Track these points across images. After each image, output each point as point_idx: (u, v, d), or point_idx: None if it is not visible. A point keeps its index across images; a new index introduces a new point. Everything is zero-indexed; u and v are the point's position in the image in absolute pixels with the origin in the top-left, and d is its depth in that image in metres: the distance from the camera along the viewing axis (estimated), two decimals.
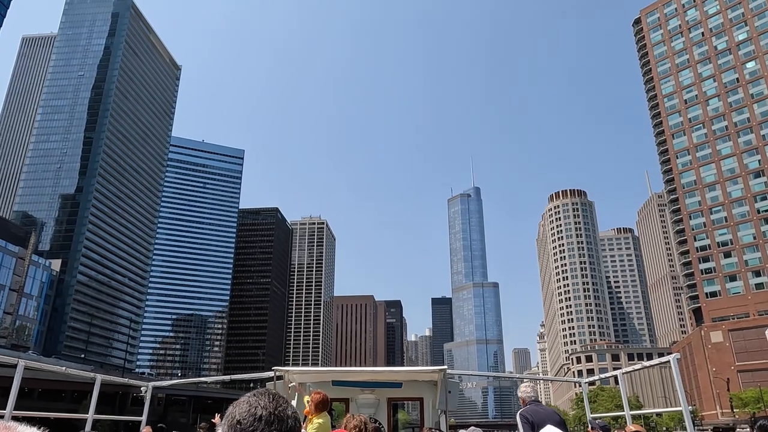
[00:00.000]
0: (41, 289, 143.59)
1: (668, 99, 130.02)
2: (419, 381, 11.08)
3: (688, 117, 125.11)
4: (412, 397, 11.02)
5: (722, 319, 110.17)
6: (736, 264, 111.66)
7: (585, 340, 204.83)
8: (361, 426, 4.86)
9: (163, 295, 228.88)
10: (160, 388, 14.70)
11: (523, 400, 7.62)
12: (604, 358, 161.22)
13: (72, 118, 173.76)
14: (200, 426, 10.53)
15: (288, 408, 1.79)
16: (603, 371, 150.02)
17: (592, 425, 8.43)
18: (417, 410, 11.26)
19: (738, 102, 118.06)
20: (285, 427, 1.74)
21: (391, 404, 11.02)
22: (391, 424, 10.80)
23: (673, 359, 7.58)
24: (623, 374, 9.50)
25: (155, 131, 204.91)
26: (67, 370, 10.29)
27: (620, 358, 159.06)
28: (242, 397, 1.82)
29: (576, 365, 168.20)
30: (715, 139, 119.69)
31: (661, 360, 8.20)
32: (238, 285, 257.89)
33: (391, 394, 10.88)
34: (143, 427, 10.65)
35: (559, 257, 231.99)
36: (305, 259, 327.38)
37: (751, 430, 8.27)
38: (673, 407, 12.09)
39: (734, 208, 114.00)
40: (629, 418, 9.13)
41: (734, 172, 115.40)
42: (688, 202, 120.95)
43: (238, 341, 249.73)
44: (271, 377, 9.83)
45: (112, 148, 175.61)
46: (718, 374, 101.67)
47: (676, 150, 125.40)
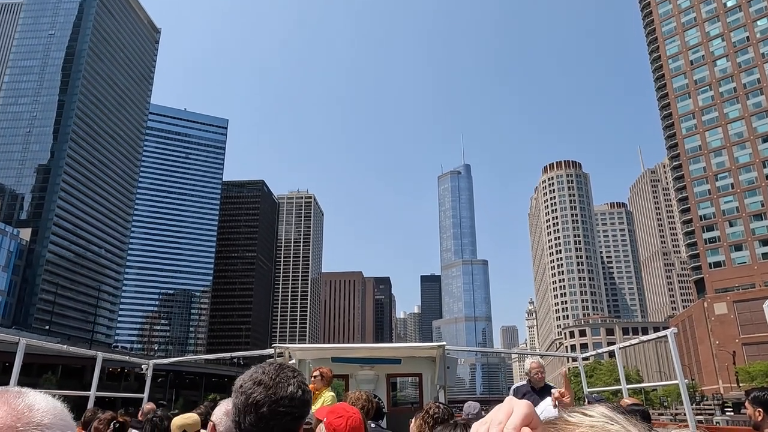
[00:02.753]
0: (9, 259, 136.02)
1: (673, 60, 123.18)
2: (418, 357, 11.09)
3: (693, 79, 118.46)
4: (411, 373, 11.18)
5: (726, 290, 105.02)
6: (742, 233, 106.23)
7: (578, 315, 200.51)
8: (365, 402, 5.02)
9: (143, 268, 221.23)
10: (159, 364, 17.38)
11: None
12: (598, 333, 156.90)
13: (42, 80, 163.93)
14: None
15: (294, 377, 1.80)
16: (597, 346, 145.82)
17: (589, 400, 8.51)
18: (408, 388, 11.52)
19: (748, 62, 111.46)
20: (285, 392, 1.74)
21: (390, 380, 11.19)
22: (390, 399, 10.94)
23: (670, 333, 7.59)
24: (620, 349, 9.97)
25: (133, 96, 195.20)
26: (68, 348, 11.16)
27: (615, 333, 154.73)
28: (252, 367, 1.88)
29: (569, 340, 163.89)
30: (722, 102, 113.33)
31: (658, 335, 8.30)
32: (223, 259, 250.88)
33: (390, 370, 11.05)
34: (145, 403, 10.23)
35: (552, 230, 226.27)
36: (292, 234, 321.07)
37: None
38: (669, 381, 11.08)
39: (741, 174, 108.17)
40: (626, 392, 9.10)
41: (742, 137, 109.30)
42: (692, 169, 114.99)
43: (222, 316, 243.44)
44: (271, 354, 9.79)
45: (86, 113, 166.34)
46: (722, 347, 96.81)
47: (680, 114, 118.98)
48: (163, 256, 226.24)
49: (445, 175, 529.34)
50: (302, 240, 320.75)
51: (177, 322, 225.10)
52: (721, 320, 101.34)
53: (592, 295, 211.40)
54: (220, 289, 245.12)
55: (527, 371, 8.06)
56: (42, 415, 0.91)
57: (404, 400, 11.66)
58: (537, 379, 7.91)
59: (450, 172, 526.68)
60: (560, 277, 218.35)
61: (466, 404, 8.65)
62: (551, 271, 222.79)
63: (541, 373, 8.08)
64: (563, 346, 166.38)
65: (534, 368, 8.02)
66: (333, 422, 2.84)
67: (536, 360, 8.34)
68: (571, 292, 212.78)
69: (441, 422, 3.83)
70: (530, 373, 7.97)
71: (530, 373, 7.97)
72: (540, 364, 8.21)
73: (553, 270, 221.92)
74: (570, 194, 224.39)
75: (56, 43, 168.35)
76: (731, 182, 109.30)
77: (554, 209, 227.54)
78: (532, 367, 8.04)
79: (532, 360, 8.28)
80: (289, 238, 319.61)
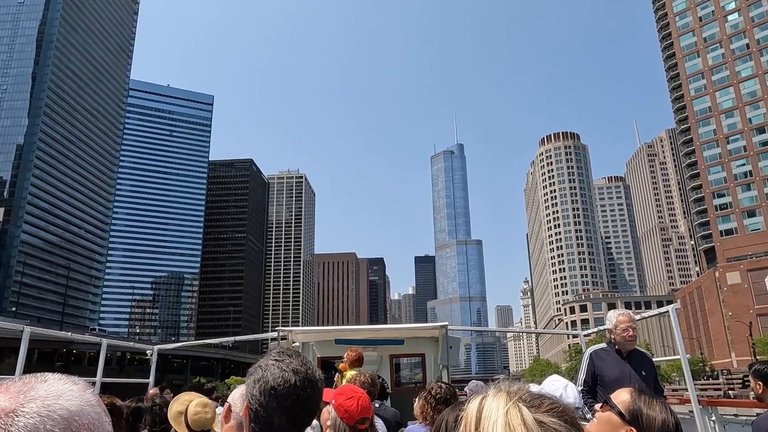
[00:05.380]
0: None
1: (680, 17, 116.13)
2: (420, 337, 11.11)
3: (702, 36, 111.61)
4: (414, 354, 11.27)
5: (738, 258, 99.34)
6: (755, 198, 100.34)
7: (577, 290, 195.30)
8: (368, 382, 5.16)
9: (129, 250, 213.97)
10: (164, 349, 14.42)
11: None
12: (599, 308, 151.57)
13: (12, 51, 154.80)
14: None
15: (315, 369, 1.77)
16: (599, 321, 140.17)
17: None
18: (412, 368, 11.87)
19: (761, 16, 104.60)
20: (317, 390, 1.72)
21: (393, 361, 11.20)
22: (393, 380, 10.91)
23: (671, 309, 7.37)
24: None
25: (111, 69, 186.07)
26: (72, 335, 11.07)
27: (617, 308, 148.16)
28: (269, 360, 1.74)
29: (569, 316, 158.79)
30: (734, 60, 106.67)
31: (660, 310, 8.16)
32: (211, 241, 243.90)
33: (393, 351, 11.07)
34: (150, 388, 10.08)
35: (550, 204, 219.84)
36: (283, 214, 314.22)
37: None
38: (672, 356, 11.55)
39: (755, 135, 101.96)
40: None
41: (755, 96, 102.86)
42: (702, 132, 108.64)
43: (212, 299, 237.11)
44: (274, 337, 9.90)
45: (60, 86, 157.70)
46: (736, 319, 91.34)
47: (688, 74, 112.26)
48: (149, 237, 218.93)
49: (438, 155, 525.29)
50: (294, 221, 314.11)
51: (165, 305, 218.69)
52: (734, 290, 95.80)
53: (592, 270, 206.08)
54: (209, 271, 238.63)
55: (612, 326, 5.33)
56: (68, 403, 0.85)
57: (408, 380, 11.74)
58: (626, 338, 5.27)
59: (443, 152, 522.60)
60: (559, 252, 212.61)
61: (470, 383, 7.60)
62: (549, 246, 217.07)
63: (633, 329, 5.31)
64: (563, 322, 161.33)
65: (623, 323, 5.27)
66: (344, 404, 2.86)
67: (626, 313, 5.42)
68: (571, 267, 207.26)
69: (444, 402, 3.94)
70: (616, 329, 5.30)
71: (616, 329, 5.30)
72: (632, 318, 5.36)
73: (552, 245, 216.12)
74: (569, 166, 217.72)
75: (26, 12, 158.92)
76: (743, 144, 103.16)
77: (552, 182, 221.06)
78: (619, 321, 5.30)
79: (621, 312, 5.41)
80: (280, 219, 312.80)
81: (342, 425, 2.83)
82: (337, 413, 2.86)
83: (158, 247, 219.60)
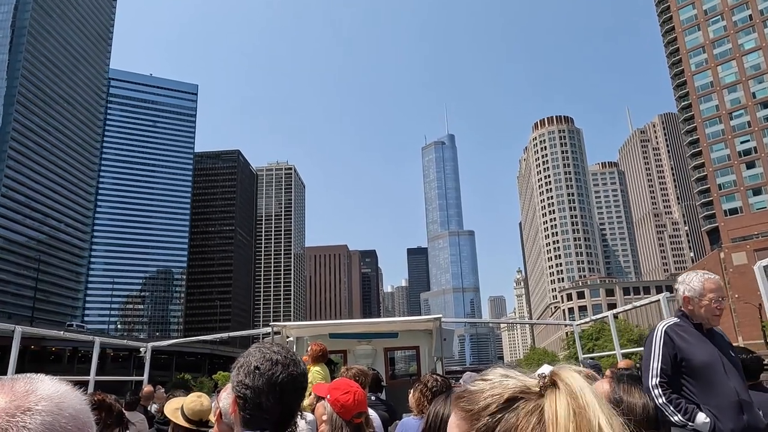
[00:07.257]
0: None
1: None
2: (414, 330, 11.10)
3: (703, 9, 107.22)
4: (408, 346, 11.28)
5: (744, 238, 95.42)
6: (761, 175, 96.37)
7: (574, 277, 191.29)
8: (360, 375, 5.24)
9: (113, 245, 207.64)
10: (158, 347, 11.45)
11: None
12: (597, 294, 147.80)
13: None
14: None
15: (294, 354, 1.82)
16: (596, 308, 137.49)
17: (584, 365, 7.66)
18: (406, 361, 11.97)
19: None
20: (299, 369, 1.77)
21: (388, 354, 11.18)
22: (388, 372, 10.86)
23: (662, 298, 7.37)
24: (614, 315, 10.14)
25: (89, 57, 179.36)
26: (65, 334, 11.45)
27: (615, 293, 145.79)
28: (250, 349, 1.84)
29: (566, 303, 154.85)
30: (736, 32, 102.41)
31: (650, 299, 8.27)
32: (199, 234, 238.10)
33: (387, 344, 11.08)
34: (145, 385, 10.29)
35: (545, 189, 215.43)
36: (273, 207, 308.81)
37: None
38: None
39: (759, 110, 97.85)
40: (620, 357, 9.36)
41: (759, 69, 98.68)
42: (703, 108, 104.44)
43: (201, 293, 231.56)
44: (268, 332, 9.82)
45: (35, 74, 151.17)
46: (743, 301, 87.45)
47: (688, 48, 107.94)
48: (133, 231, 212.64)
49: (429, 146, 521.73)
50: (284, 213, 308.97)
51: (152, 300, 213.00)
52: (741, 271, 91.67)
53: (588, 256, 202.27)
54: (197, 265, 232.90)
55: (695, 294, 3.73)
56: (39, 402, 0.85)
57: (403, 372, 11.80)
58: (713, 311, 3.73)
59: (434, 143, 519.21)
60: (554, 239, 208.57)
61: (465, 375, 8.14)
62: (544, 232, 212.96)
63: (722, 302, 3.77)
64: (560, 309, 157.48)
65: (712, 291, 3.75)
66: (340, 398, 2.85)
67: (715, 278, 3.86)
68: (566, 254, 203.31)
69: (439, 394, 3.78)
70: (701, 299, 3.72)
71: (701, 299, 3.72)
72: (721, 287, 3.86)
73: (547, 231, 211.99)
74: (563, 150, 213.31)
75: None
76: (747, 120, 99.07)
77: (546, 167, 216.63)
78: (707, 288, 3.74)
79: (708, 277, 3.81)
80: (270, 212, 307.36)
81: (338, 420, 2.81)
82: (333, 408, 2.83)
83: (144, 241, 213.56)
